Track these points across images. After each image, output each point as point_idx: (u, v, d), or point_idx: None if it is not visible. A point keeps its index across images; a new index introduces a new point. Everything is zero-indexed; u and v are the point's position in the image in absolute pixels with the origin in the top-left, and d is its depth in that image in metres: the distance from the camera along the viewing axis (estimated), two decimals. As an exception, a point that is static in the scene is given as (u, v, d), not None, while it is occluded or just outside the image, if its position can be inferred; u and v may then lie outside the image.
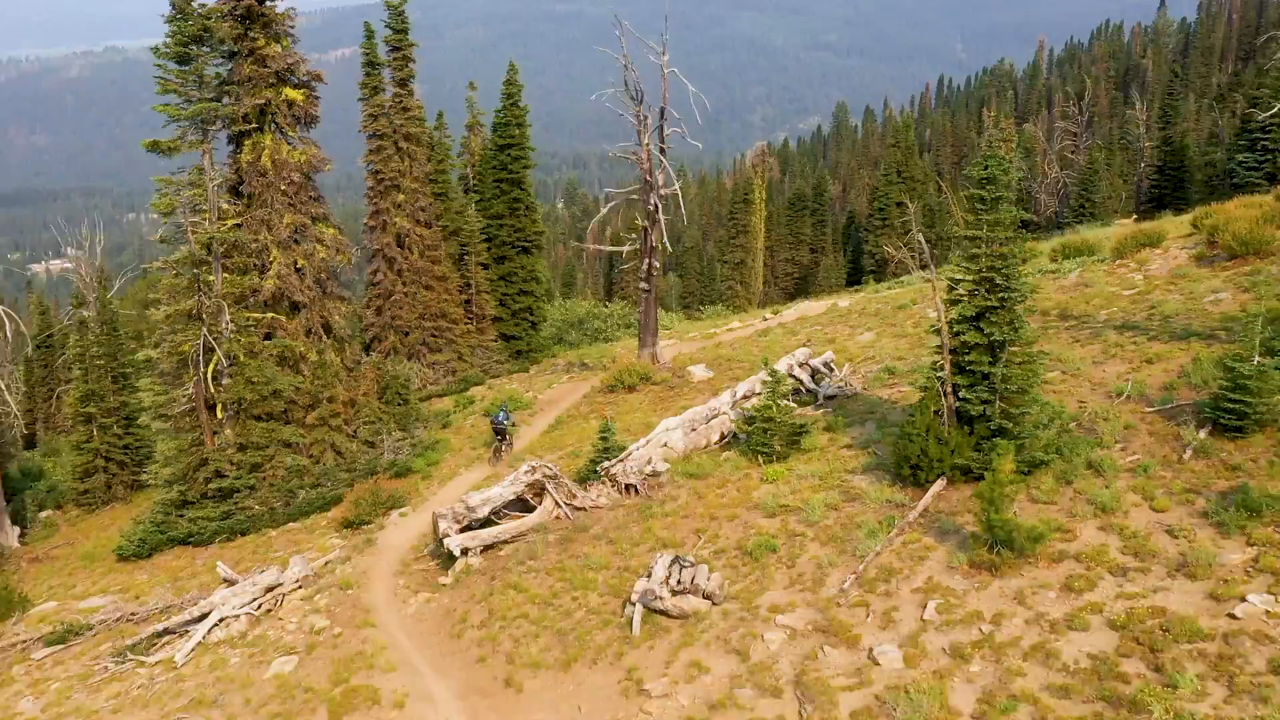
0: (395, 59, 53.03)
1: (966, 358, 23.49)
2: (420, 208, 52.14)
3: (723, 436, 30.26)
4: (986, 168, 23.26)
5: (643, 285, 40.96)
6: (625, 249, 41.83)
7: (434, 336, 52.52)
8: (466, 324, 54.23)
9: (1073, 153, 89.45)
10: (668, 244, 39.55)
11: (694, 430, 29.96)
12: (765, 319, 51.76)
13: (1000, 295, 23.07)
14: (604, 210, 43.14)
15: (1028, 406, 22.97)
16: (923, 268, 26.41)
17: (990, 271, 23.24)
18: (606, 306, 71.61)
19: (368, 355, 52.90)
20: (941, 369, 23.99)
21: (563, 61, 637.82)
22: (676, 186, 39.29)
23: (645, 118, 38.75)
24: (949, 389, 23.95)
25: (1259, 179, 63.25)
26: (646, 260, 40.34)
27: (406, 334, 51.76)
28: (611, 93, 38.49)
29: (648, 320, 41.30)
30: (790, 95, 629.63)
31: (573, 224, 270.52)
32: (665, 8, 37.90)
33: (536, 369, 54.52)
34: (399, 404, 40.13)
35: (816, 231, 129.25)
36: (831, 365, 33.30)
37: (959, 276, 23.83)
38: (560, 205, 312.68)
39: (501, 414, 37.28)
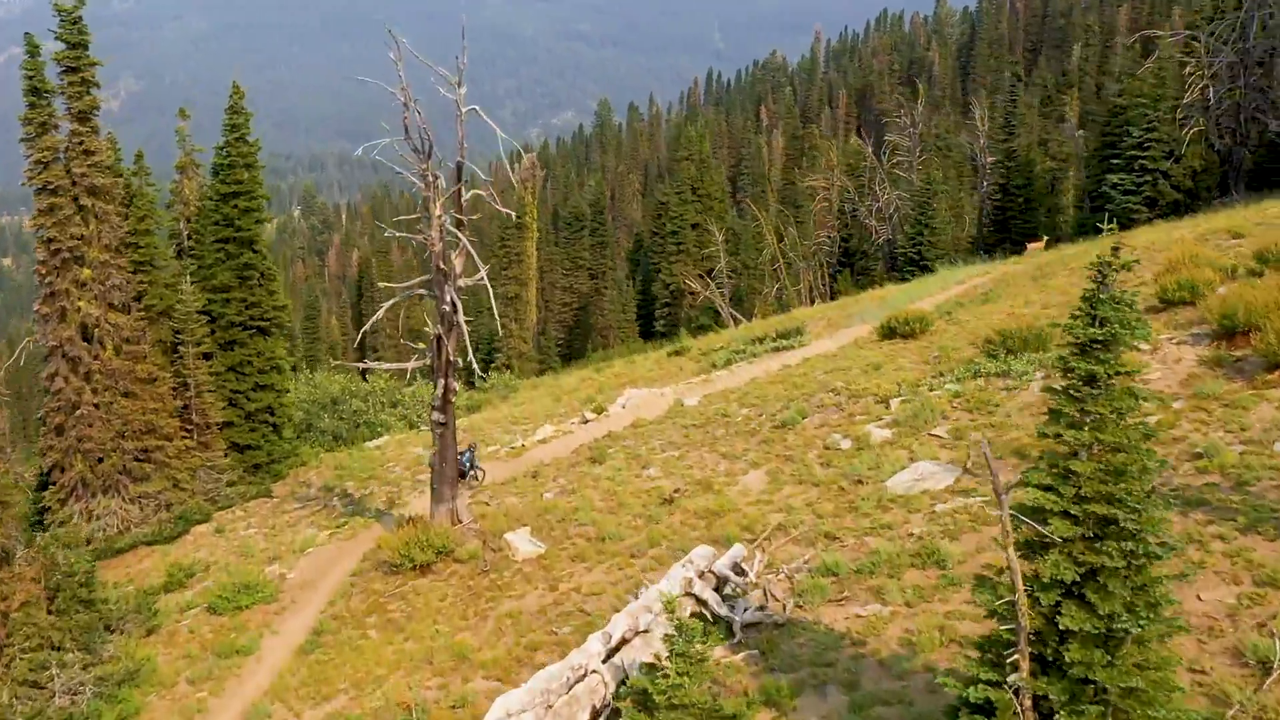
0: (71, 84, 39.03)
1: (1064, 648, 14.12)
2: (114, 286, 38.97)
3: (596, 714, 19.87)
4: (1097, 319, 13.84)
5: (436, 416, 29.31)
6: (411, 364, 30.43)
7: (139, 460, 39.62)
8: (184, 438, 41.52)
9: (905, 170, 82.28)
10: (473, 360, 28.12)
11: (550, 708, 19.48)
12: (585, 419, 41.59)
13: (1125, 545, 13.72)
14: (379, 313, 31.24)
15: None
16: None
17: (1103, 502, 13.88)
18: (365, 381, 59.64)
19: (47, 487, 40.28)
20: (1016, 665, 14.47)
21: (295, 53, 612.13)
22: (484, 274, 28.35)
23: (435, 179, 27.54)
24: (1028, 703, 14.47)
25: (1138, 204, 57.24)
26: (442, 380, 28.77)
27: (100, 460, 38.76)
28: (386, 142, 27.25)
29: (444, 466, 29.43)
30: (542, 88, 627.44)
31: (312, 236, 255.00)
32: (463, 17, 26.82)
33: (282, 488, 42.93)
34: (79, 610, 27.88)
35: (596, 254, 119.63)
36: (744, 568, 23.19)
37: (1042, 504, 14.37)
38: (297, 214, 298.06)
39: (468, 455, 34.23)
